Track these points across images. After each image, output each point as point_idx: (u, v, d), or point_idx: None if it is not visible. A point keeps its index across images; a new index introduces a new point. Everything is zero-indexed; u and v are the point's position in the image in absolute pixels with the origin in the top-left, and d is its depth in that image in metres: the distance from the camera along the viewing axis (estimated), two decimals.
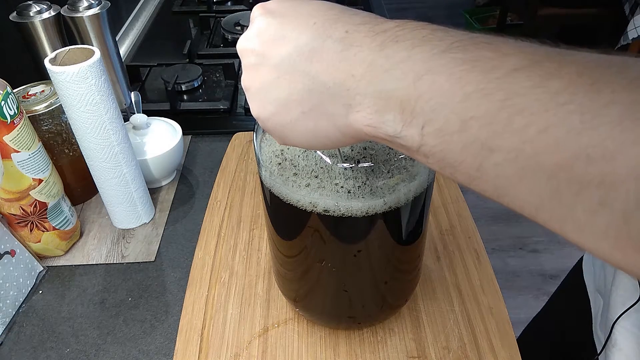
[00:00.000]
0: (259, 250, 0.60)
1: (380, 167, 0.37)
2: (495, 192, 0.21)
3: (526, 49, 0.20)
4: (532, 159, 0.19)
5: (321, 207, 0.37)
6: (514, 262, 1.70)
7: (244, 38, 0.29)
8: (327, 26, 0.26)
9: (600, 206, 0.17)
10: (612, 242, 0.17)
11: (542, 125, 0.18)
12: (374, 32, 0.24)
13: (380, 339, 0.50)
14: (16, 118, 0.52)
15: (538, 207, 0.19)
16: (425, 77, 0.22)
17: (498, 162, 0.20)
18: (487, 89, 0.20)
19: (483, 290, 0.54)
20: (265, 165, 0.39)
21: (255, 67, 0.28)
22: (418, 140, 0.22)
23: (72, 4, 0.75)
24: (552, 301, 0.78)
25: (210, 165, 0.77)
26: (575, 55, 0.19)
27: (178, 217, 0.68)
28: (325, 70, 0.25)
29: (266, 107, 0.28)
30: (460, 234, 0.61)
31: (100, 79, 0.54)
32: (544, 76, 0.19)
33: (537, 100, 0.18)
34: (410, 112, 0.22)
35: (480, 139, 0.20)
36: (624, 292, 0.51)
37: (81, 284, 0.59)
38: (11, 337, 0.54)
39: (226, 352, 0.50)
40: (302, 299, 0.49)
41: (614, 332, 0.51)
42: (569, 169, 0.18)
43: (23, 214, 0.57)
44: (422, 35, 0.23)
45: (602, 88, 0.17)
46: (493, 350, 0.49)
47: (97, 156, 0.59)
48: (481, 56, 0.21)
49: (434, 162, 0.23)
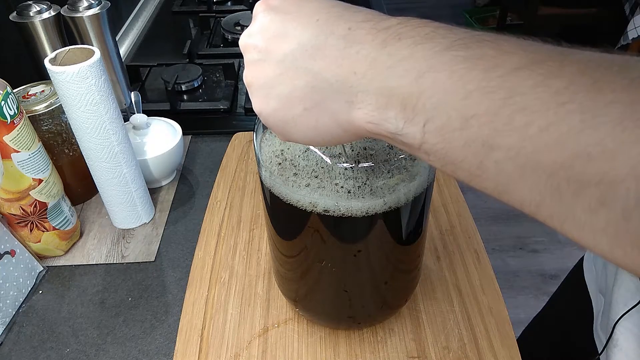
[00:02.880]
0: (259, 250, 0.60)
1: (380, 167, 0.37)
2: (496, 189, 0.21)
3: (528, 48, 0.20)
4: (533, 157, 0.19)
5: (321, 207, 0.37)
6: (514, 262, 1.70)
7: (247, 34, 0.29)
8: (330, 23, 0.26)
9: (600, 205, 0.17)
10: (612, 240, 0.18)
11: (543, 124, 0.18)
12: (377, 29, 0.24)
13: (380, 339, 0.50)
14: (16, 118, 0.52)
15: (538, 205, 0.20)
16: (427, 75, 0.22)
17: (499, 159, 0.20)
18: (489, 87, 0.20)
19: (483, 290, 0.54)
20: (265, 165, 0.39)
21: (258, 63, 0.28)
22: (419, 137, 0.22)
23: (72, 4, 0.75)
24: (552, 301, 0.78)
25: (210, 165, 0.77)
26: (577, 54, 0.19)
27: (178, 217, 0.68)
28: (327, 67, 0.25)
29: (268, 104, 0.28)
30: (460, 234, 0.61)
31: (100, 79, 0.54)
32: (545, 75, 0.19)
33: (538, 99, 0.18)
34: (412, 110, 0.22)
35: (482, 137, 0.20)
36: (626, 292, 0.51)
37: (81, 284, 0.59)
38: (11, 337, 0.54)
39: (226, 352, 0.50)
40: (302, 299, 0.49)
41: (615, 332, 0.51)
42: (569, 167, 0.18)
43: (23, 214, 0.57)
44: (425, 33, 0.23)
45: (603, 87, 0.17)
46: (493, 350, 0.49)
47: (97, 156, 0.59)
48: (483, 54, 0.21)
49: (435, 160, 0.23)
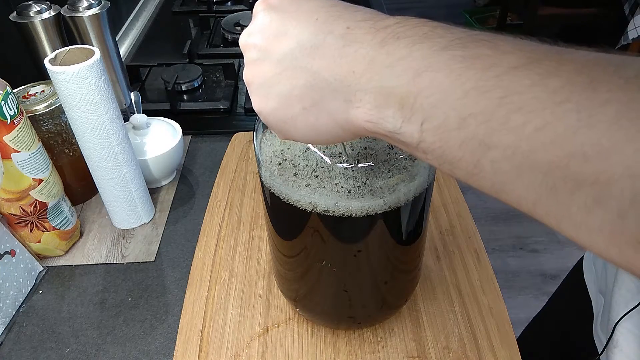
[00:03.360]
0: (259, 250, 0.60)
1: (380, 167, 0.37)
2: (493, 188, 0.21)
3: (525, 47, 0.20)
4: (529, 156, 0.19)
5: (321, 207, 0.37)
6: (514, 262, 1.70)
7: (247, 33, 0.29)
8: (329, 22, 0.26)
9: (595, 204, 0.17)
10: (608, 239, 0.18)
11: (539, 123, 0.18)
12: (375, 28, 0.24)
13: (380, 339, 0.50)
14: (16, 118, 0.52)
15: (535, 204, 0.20)
16: (424, 74, 0.22)
17: (495, 159, 0.20)
18: (486, 86, 0.20)
19: (483, 290, 0.54)
20: (265, 165, 0.39)
21: (258, 62, 0.28)
22: (417, 136, 0.22)
23: (72, 4, 0.75)
24: (552, 301, 0.78)
25: (210, 165, 0.77)
26: (574, 53, 0.19)
27: (178, 217, 0.68)
28: (326, 66, 0.25)
29: (268, 102, 0.28)
30: (460, 234, 0.61)
31: (100, 79, 0.54)
32: (542, 74, 0.19)
33: (535, 98, 0.18)
34: (409, 109, 0.22)
35: (478, 136, 0.20)
36: (627, 293, 0.51)
37: (81, 284, 0.59)
38: (11, 337, 0.54)
39: (226, 352, 0.50)
40: (302, 299, 0.49)
41: (615, 332, 0.51)
42: (565, 166, 0.18)
43: (23, 214, 0.57)
44: (423, 32, 0.23)
45: (599, 87, 0.17)
46: (493, 350, 0.49)
47: (97, 156, 0.59)
48: (480, 54, 0.21)
49: (432, 159, 0.23)
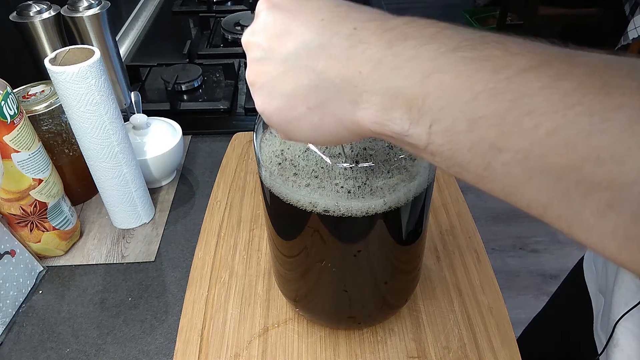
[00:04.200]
0: (259, 250, 0.60)
1: (380, 167, 0.37)
2: (503, 191, 0.21)
3: (535, 49, 0.20)
4: (541, 160, 0.19)
5: (321, 207, 0.37)
6: (514, 262, 1.70)
7: (250, 32, 0.29)
8: (335, 22, 0.25)
9: (608, 208, 0.17)
10: (620, 243, 0.17)
11: (551, 127, 0.18)
12: (382, 29, 0.24)
13: (380, 339, 0.50)
14: (16, 118, 0.52)
15: (546, 207, 0.19)
16: (433, 76, 0.21)
17: (506, 162, 0.20)
18: (497, 88, 0.19)
19: (483, 290, 0.54)
20: (265, 165, 0.39)
21: (261, 61, 0.28)
22: (425, 138, 0.22)
23: (72, 4, 0.75)
24: (552, 301, 0.78)
25: (210, 165, 0.77)
26: (585, 56, 0.19)
27: (178, 217, 0.68)
28: (332, 67, 0.25)
29: (271, 102, 0.28)
30: (460, 234, 0.61)
31: (100, 79, 0.54)
32: (553, 77, 0.19)
33: (547, 101, 0.18)
34: (417, 111, 0.22)
35: (489, 139, 0.20)
36: (627, 292, 0.51)
37: (81, 284, 0.59)
38: (11, 337, 0.54)
39: (226, 352, 0.50)
40: (302, 299, 0.49)
41: (615, 332, 0.51)
42: (578, 170, 0.18)
43: (23, 214, 0.57)
44: (431, 33, 0.22)
45: (612, 91, 0.17)
46: (493, 350, 0.49)
47: (97, 156, 0.59)
48: (490, 55, 0.20)
49: (441, 161, 0.22)
